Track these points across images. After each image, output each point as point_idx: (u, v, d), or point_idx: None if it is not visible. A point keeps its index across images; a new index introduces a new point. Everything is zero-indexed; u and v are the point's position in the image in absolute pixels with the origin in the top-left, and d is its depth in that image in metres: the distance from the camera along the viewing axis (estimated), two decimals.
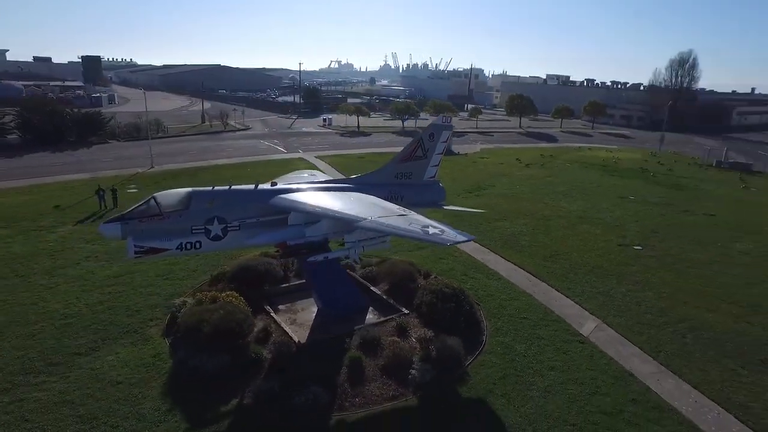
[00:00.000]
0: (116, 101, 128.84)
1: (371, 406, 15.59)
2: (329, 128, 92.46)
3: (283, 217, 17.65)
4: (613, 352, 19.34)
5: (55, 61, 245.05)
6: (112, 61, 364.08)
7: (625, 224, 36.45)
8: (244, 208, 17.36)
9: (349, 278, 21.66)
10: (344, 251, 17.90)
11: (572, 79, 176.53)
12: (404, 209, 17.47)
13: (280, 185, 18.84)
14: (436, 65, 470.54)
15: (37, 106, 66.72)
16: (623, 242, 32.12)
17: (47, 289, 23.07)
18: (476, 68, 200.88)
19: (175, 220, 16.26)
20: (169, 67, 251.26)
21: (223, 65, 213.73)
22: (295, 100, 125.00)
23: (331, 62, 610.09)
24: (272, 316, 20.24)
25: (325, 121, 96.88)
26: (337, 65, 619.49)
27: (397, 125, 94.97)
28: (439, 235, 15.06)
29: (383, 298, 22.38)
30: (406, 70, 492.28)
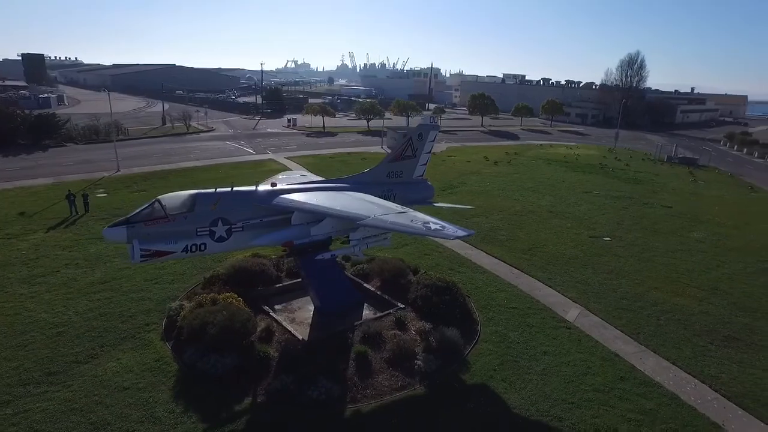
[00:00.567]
0: (66, 102, 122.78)
1: (382, 396, 16.19)
2: (294, 129, 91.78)
3: (286, 217, 17.93)
4: (597, 335, 20.75)
5: None
6: (55, 59, 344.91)
7: (592, 217, 38.55)
8: (247, 209, 17.54)
9: (344, 274, 22.12)
10: (350, 249, 18.38)
11: (528, 78, 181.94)
12: (402, 207, 18.14)
13: (279, 186, 19.09)
14: (393, 65, 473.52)
15: None
16: (594, 234, 34.05)
17: (29, 298, 22.29)
18: (434, 68, 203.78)
19: (180, 222, 16.27)
20: (119, 66, 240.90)
21: (178, 65, 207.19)
22: (256, 100, 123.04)
23: (287, 62, 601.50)
24: (272, 315, 20.45)
25: (289, 121, 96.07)
26: (293, 65, 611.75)
27: (361, 125, 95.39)
28: (440, 230, 15.79)
29: (377, 293, 22.96)
30: (363, 69, 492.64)
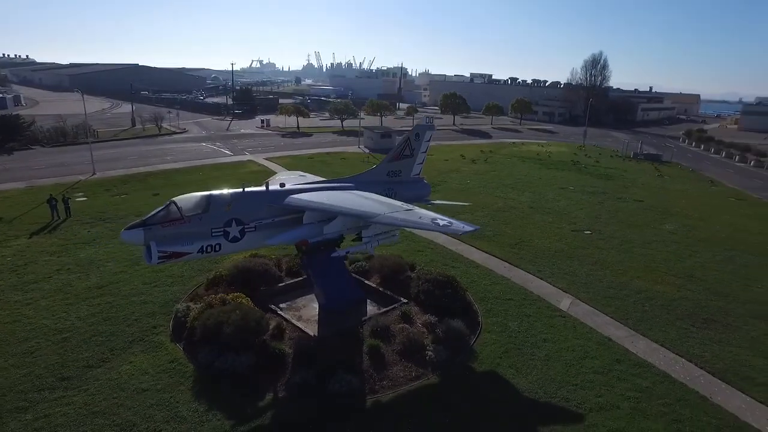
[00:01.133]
0: (23, 103, 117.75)
1: (399, 387, 16.86)
2: (269, 129, 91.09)
3: (297, 216, 18.30)
4: (590, 322, 22.03)
5: None
6: (4, 57, 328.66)
7: (571, 212, 40.28)
8: (259, 209, 17.80)
9: (348, 272, 22.60)
10: (362, 246, 18.91)
11: (495, 77, 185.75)
12: (408, 205, 18.80)
13: (289, 186, 19.44)
14: (360, 64, 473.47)
15: None
16: (575, 228, 35.66)
17: (25, 305, 21.83)
18: (402, 67, 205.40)
19: (195, 223, 16.42)
20: (78, 66, 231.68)
21: (141, 65, 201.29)
22: (227, 101, 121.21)
23: (252, 61, 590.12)
24: (280, 314, 20.79)
25: (263, 122, 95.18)
26: (258, 65, 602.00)
27: (335, 125, 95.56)
28: (448, 226, 16.52)
29: (379, 290, 23.60)
30: (330, 69, 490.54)
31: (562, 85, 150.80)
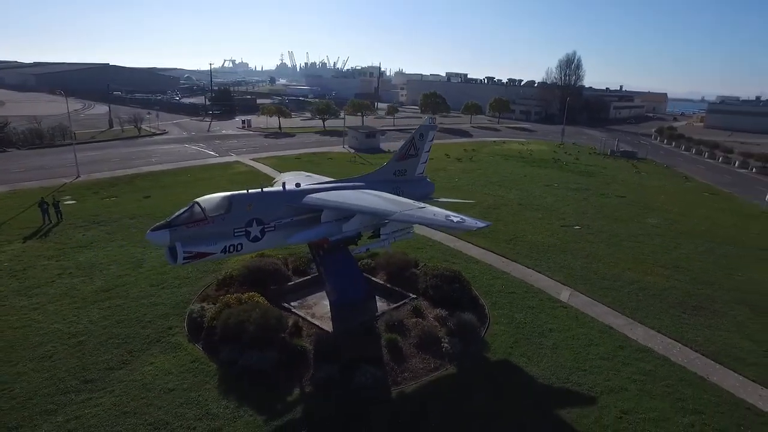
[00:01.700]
0: None
1: (420, 377, 17.52)
2: (250, 130, 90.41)
3: (314, 215, 18.72)
4: (591, 312, 23.14)
5: None
6: None
7: (559, 208, 41.69)
8: (278, 209, 18.15)
9: (358, 269, 23.12)
10: (380, 242, 19.48)
11: (470, 76, 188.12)
12: (420, 203, 19.45)
13: (304, 186, 19.84)
14: (334, 64, 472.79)
15: None
16: (564, 224, 36.99)
17: (32, 310, 21.61)
18: (376, 66, 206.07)
19: (218, 224, 16.68)
20: (43, 65, 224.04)
21: (112, 65, 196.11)
22: (205, 101, 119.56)
23: (225, 61, 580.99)
24: (295, 312, 21.17)
25: (244, 122, 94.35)
26: (231, 64, 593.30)
27: (316, 125, 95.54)
28: (462, 223, 17.24)
29: (387, 286, 24.20)
30: (304, 69, 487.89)
31: (536, 84, 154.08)
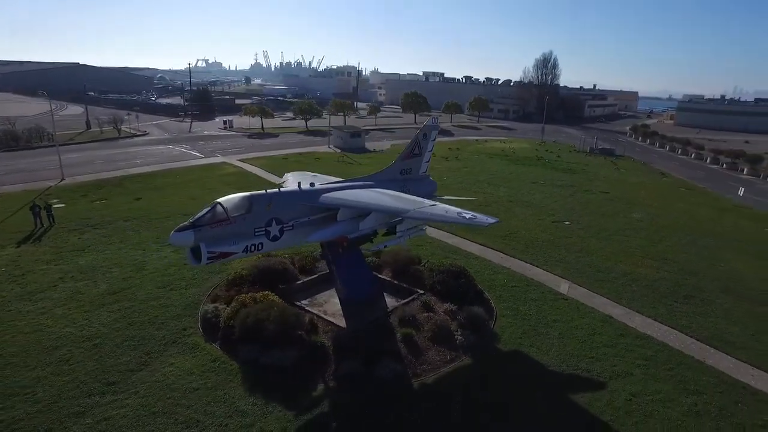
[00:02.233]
0: None
1: (438, 369, 18.14)
2: (232, 130, 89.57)
3: (331, 214, 19.10)
4: (590, 303, 24.19)
5: None
6: None
7: (547, 205, 42.96)
8: (296, 208, 18.47)
9: (367, 266, 23.59)
10: (396, 239, 20.01)
11: (447, 75, 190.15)
12: (430, 201, 20.09)
13: (318, 185, 20.20)
14: (309, 63, 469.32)
15: None
16: (555, 220, 38.20)
17: (40, 314, 21.36)
18: (353, 66, 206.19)
19: (240, 224, 16.92)
20: (7, 63, 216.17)
21: (83, 64, 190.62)
22: (184, 102, 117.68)
23: (198, 60, 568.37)
24: (308, 309, 21.51)
25: (225, 123, 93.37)
26: (204, 64, 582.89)
27: (299, 125, 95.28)
28: (474, 219, 17.98)
29: (394, 282, 24.75)
30: (280, 68, 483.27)
31: (513, 83, 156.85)
